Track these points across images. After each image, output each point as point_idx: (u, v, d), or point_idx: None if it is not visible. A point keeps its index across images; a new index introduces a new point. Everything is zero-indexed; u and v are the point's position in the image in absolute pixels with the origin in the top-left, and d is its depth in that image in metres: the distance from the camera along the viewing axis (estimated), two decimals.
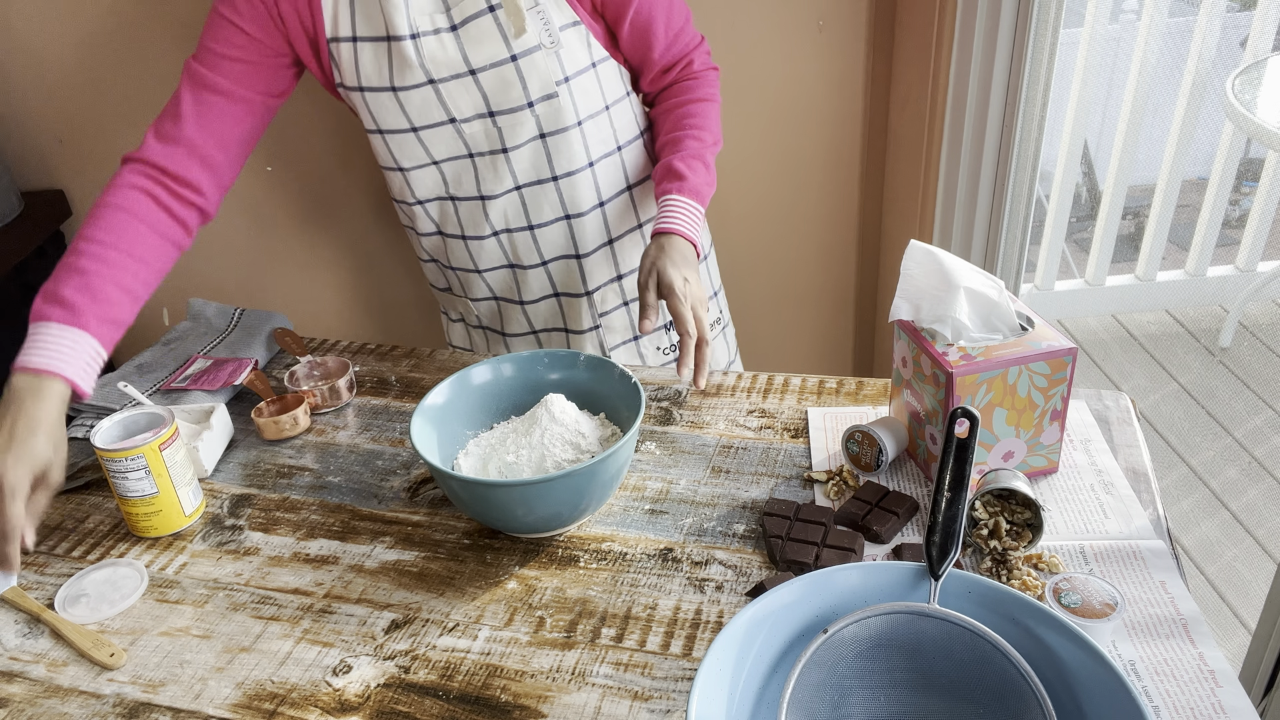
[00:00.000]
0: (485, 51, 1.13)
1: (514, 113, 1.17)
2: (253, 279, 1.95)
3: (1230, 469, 2.38)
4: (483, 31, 1.12)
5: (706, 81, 1.27)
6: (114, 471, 1.00)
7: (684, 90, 1.26)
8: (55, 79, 1.73)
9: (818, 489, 1.03)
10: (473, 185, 1.24)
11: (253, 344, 1.35)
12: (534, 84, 1.15)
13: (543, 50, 1.14)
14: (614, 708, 0.80)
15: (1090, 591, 0.80)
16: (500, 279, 1.35)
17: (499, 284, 1.35)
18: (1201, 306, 2.98)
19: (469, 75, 1.14)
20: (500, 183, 1.23)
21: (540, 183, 1.24)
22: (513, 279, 1.34)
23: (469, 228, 1.29)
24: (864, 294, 1.98)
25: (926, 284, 0.99)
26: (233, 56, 1.15)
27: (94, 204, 1.10)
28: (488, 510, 0.94)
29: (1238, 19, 2.69)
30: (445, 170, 1.23)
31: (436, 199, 1.28)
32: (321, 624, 0.91)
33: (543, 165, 1.22)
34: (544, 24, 1.13)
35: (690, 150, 1.21)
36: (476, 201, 1.25)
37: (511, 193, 1.24)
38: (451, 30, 1.12)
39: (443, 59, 1.13)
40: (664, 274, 1.10)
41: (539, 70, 1.14)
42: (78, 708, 0.84)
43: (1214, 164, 2.78)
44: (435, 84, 1.14)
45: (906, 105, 1.69)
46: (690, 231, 1.16)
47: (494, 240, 1.29)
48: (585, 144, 1.23)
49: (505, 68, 1.14)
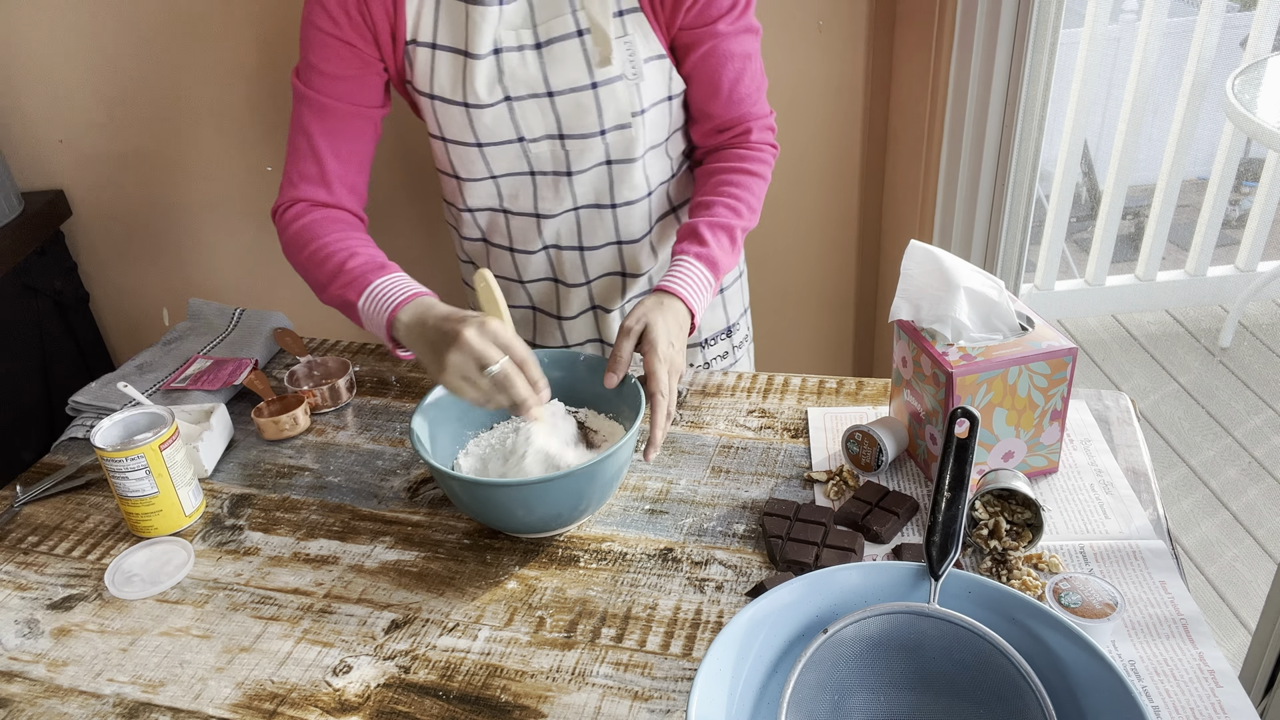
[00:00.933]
0: (566, 75, 1.10)
1: (585, 138, 1.14)
2: (253, 279, 1.95)
3: (1230, 469, 2.38)
4: (567, 54, 1.09)
5: (759, 156, 1.21)
6: (114, 471, 1.00)
7: (734, 157, 1.21)
8: (55, 79, 1.73)
9: (818, 489, 1.03)
10: (530, 202, 1.21)
11: (253, 344, 1.35)
12: (610, 113, 1.12)
13: (624, 81, 1.10)
14: (614, 708, 0.80)
15: (1090, 591, 0.80)
16: (542, 291, 1.32)
17: (540, 296, 1.33)
18: (1201, 306, 2.98)
19: (546, 97, 1.11)
20: (559, 203, 1.20)
21: (598, 207, 1.21)
22: (554, 293, 1.32)
23: (518, 241, 1.26)
24: (864, 294, 1.98)
25: (926, 284, 0.99)
26: (343, 75, 1.12)
27: (290, 237, 1.17)
28: (488, 510, 0.94)
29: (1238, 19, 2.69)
30: (502, 185, 1.20)
31: (488, 209, 1.25)
32: (321, 624, 0.91)
33: (604, 191, 1.20)
34: (629, 54, 1.10)
35: (721, 219, 1.16)
36: (531, 218, 1.23)
37: (569, 213, 1.22)
38: (535, 48, 1.09)
39: (523, 76, 1.10)
40: (652, 329, 1.03)
41: (617, 100, 1.11)
42: (78, 708, 0.84)
43: (1214, 164, 2.78)
44: (510, 101, 1.11)
45: (906, 105, 1.69)
46: (692, 299, 1.10)
47: (543, 254, 1.27)
48: (646, 174, 1.20)
49: (584, 94, 1.11)
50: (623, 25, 1.09)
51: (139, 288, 1.96)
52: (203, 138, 1.78)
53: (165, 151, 1.80)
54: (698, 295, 1.12)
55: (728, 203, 1.17)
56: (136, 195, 1.85)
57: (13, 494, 1.11)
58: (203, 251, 1.92)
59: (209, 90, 1.74)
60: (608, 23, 1.08)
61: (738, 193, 1.18)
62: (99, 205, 1.86)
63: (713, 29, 1.11)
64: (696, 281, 1.12)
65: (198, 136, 1.78)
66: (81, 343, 1.92)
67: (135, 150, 1.80)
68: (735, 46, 1.14)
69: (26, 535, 1.06)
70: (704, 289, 1.13)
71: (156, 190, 1.84)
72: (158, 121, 1.77)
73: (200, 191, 1.84)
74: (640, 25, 1.10)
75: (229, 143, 1.79)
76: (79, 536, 1.05)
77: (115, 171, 1.82)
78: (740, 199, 1.18)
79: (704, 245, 1.14)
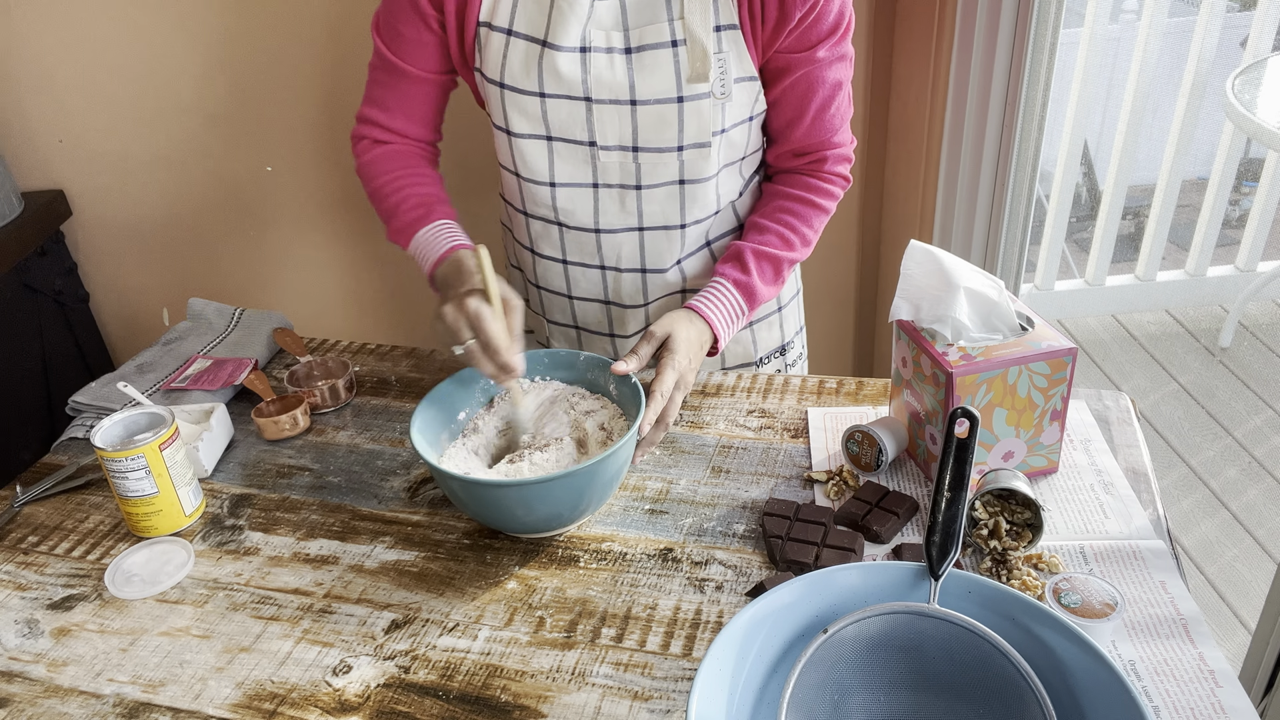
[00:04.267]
0: (654, 85, 1.05)
1: (660, 153, 1.09)
2: (253, 279, 1.95)
3: (1230, 469, 2.38)
4: (658, 63, 1.04)
5: (827, 188, 1.16)
6: (114, 471, 1.00)
7: (801, 185, 1.16)
8: (55, 79, 1.73)
9: (818, 489, 1.03)
10: (589, 216, 1.15)
11: (253, 344, 1.35)
12: (691, 129, 1.07)
13: (711, 100, 1.06)
14: (614, 708, 0.80)
15: (1090, 591, 0.80)
16: (592, 312, 1.26)
17: (588, 316, 1.27)
18: (1201, 306, 2.98)
19: (629, 105, 1.06)
20: (624, 218, 1.15)
21: (667, 228, 1.16)
22: (606, 315, 1.26)
23: (573, 253, 1.20)
24: (864, 294, 1.98)
25: (926, 284, 0.99)
26: (405, 36, 1.11)
27: (358, 171, 1.22)
28: (486, 510, 0.94)
29: (1238, 19, 2.69)
30: (559, 194, 1.14)
31: (541, 219, 1.19)
32: (321, 624, 0.91)
33: (673, 211, 1.14)
34: (721, 73, 1.05)
35: (769, 248, 1.13)
36: (590, 234, 1.17)
37: (632, 233, 1.16)
38: (625, 53, 1.04)
39: (608, 80, 1.05)
40: (675, 339, 1.04)
41: (701, 117, 1.06)
42: (78, 708, 0.84)
43: (1214, 164, 2.78)
44: (590, 102, 1.06)
45: (906, 105, 1.69)
46: (720, 326, 1.09)
47: (599, 273, 1.21)
48: (718, 193, 1.16)
49: (668, 107, 1.06)
50: (719, 42, 1.05)
51: (139, 288, 1.96)
52: (203, 137, 1.79)
53: (165, 151, 1.80)
54: (725, 321, 1.10)
55: (781, 231, 1.14)
56: (136, 195, 1.85)
57: (13, 494, 1.11)
58: (203, 251, 1.92)
59: (209, 90, 1.74)
60: (708, 38, 1.03)
61: (794, 222, 1.15)
62: (99, 205, 1.86)
63: (811, 54, 1.06)
64: (728, 307, 1.10)
65: (198, 136, 1.78)
66: (81, 343, 1.92)
67: (135, 150, 1.80)
68: (829, 74, 1.09)
69: (26, 535, 1.06)
70: (734, 316, 1.11)
71: (156, 190, 1.84)
72: (158, 121, 1.77)
73: (200, 191, 1.84)
74: (736, 43, 1.05)
75: (229, 142, 1.79)
76: (79, 536, 1.05)
77: (115, 171, 1.82)
78: (795, 229, 1.15)
79: (745, 273, 1.12)
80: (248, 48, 1.70)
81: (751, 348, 1.32)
